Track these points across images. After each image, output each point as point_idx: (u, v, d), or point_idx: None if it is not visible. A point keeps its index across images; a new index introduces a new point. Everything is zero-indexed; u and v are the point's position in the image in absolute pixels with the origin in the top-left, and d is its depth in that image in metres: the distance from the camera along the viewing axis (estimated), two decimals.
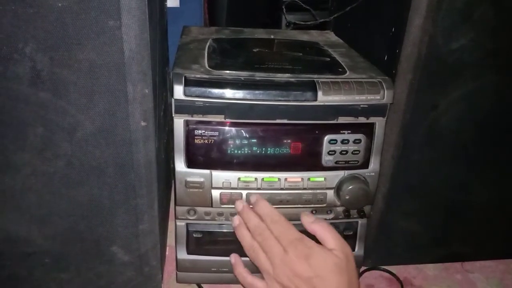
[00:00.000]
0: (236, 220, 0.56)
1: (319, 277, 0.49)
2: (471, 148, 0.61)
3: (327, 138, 0.55)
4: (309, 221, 0.53)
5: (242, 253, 0.59)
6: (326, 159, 0.56)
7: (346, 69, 0.59)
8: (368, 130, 0.56)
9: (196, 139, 0.54)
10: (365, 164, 0.58)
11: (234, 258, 0.58)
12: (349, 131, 0.56)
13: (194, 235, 0.60)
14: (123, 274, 0.56)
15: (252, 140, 0.54)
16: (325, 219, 0.60)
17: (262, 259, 0.52)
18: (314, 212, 0.59)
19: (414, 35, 0.53)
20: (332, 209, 0.60)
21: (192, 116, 0.53)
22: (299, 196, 0.58)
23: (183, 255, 0.60)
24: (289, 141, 0.55)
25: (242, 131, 0.54)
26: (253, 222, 0.54)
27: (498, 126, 0.60)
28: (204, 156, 0.55)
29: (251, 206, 0.56)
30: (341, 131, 0.56)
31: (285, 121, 0.54)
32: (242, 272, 0.56)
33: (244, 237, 0.55)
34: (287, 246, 0.50)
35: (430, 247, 0.69)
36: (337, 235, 0.52)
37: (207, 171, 0.55)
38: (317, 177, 0.57)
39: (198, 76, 0.53)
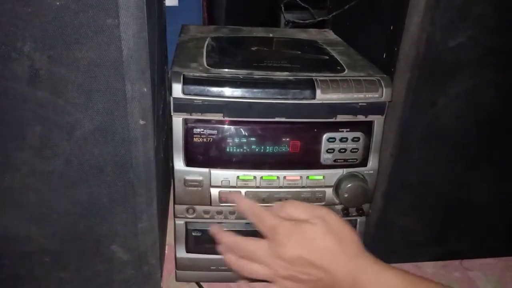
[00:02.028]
0: (221, 248, 0.54)
1: (307, 251, 0.47)
2: (470, 145, 0.61)
3: (325, 136, 0.55)
4: (274, 214, 0.50)
5: None
6: (325, 157, 0.56)
7: (345, 67, 0.59)
8: (366, 128, 0.57)
9: (195, 137, 0.54)
10: (363, 162, 0.58)
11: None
12: (348, 129, 0.56)
13: (193, 234, 0.60)
14: (122, 272, 0.56)
15: (251, 139, 0.55)
16: None
17: (256, 270, 0.50)
18: None
19: (412, 33, 0.53)
20: (331, 207, 0.60)
21: (190, 115, 0.53)
22: (298, 194, 0.58)
23: (182, 253, 0.60)
24: (287, 139, 0.55)
25: (241, 129, 0.54)
26: (226, 241, 0.53)
27: (497, 123, 0.60)
28: (203, 154, 0.55)
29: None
30: (340, 129, 0.56)
31: (284, 119, 0.54)
32: None
33: (230, 262, 0.52)
34: (269, 238, 0.49)
35: (429, 245, 0.69)
36: (303, 205, 0.49)
37: (206, 170, 0.56)
38: (316, 175, 0.57)
39: (197, 74, 0.53)
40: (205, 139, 0.54)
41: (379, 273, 0.46)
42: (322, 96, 0.53)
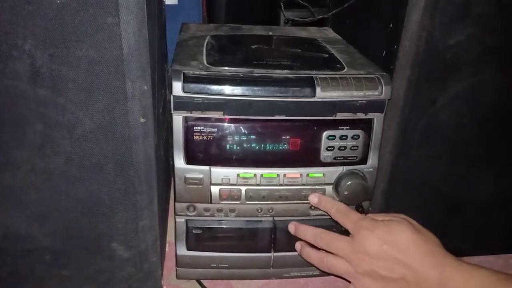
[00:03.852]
0: (298, 245, 0.57)
1: (390, 243, 0.47)
2: (470, 144, 0.61)
3: (325, 134, 0.56)
4: (356, 217, 0.52)
5: (242, 249, 0.60)
6: (325, 155, 0.57)
7: (344, 65, 0.59)
8: (366, 125, 0.57)
9: (195, 135, 0.54)
10: (363, 160, 0.58)
11: None
12: (348, 127, 0.56)
13: (194, 231, 0.60)
14: (123, 270, 0.56)
15: (251, 136, 0.55)
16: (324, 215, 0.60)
17: (336, 264, 0.51)
18: (312, 208, 0.59)
19: (412, 31, 0.53)
20: None
21: (191, 113, 0.53)
22: (298, 192, 0.58)
23: (182, 251, 0.60)
24: (287, 137, 0.55)
25: (241, 127, 0.54)
26: (309, 233, 0.54)
27: (497, 122, 0.60)
28: (203, 152, 0.55)
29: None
30: (340, 127, 0.56)
31: (284, 117, 0.54)
32: None
33: (310, 255, 0.54)
34: (353, 232, 0.50)
35: None
36: (387, 215, 0.52)
37: (206, 168, 0.56)
38: (316, 173, 0.57)
39: (197, 72, 0.53)
40: (205, 137, 0.54)
41: (471, 272, 0.45)
42: (322, 94, 0.53)
